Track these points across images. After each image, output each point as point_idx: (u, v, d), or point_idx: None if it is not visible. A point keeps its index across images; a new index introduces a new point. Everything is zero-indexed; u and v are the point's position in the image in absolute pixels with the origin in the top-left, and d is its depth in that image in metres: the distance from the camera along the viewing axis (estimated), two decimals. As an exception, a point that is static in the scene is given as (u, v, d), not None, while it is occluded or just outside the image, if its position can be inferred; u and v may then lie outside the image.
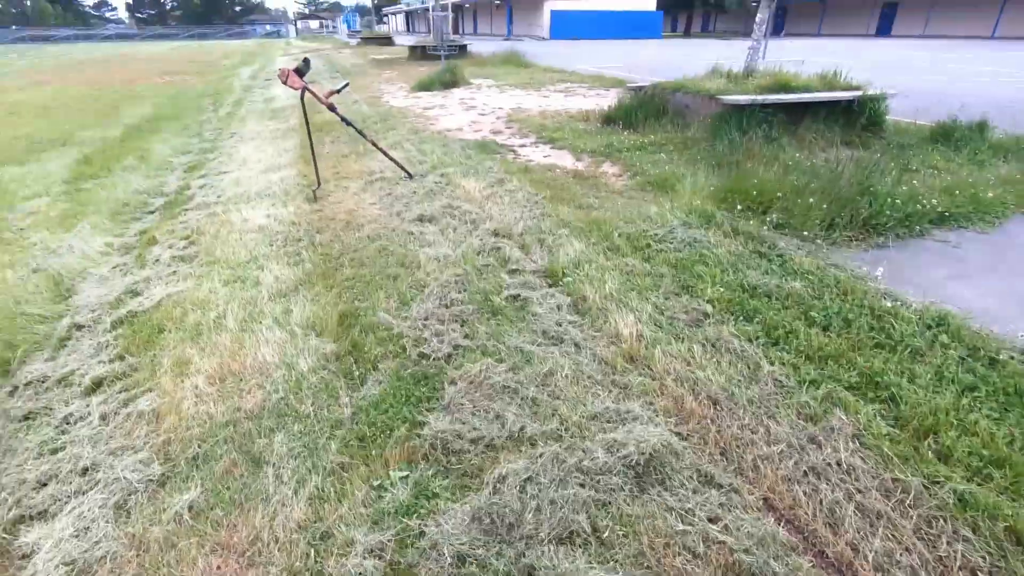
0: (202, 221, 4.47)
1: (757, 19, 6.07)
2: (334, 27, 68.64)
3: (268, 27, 77.00)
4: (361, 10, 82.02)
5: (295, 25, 77.86)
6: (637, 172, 4.78)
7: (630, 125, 6.29)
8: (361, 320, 2.73)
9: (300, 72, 4.26)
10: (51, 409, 2.35)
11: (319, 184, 4.76)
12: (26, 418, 2.32)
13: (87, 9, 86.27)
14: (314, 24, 76.50)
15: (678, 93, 6.07)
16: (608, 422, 1.94)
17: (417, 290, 2.98)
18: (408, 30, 69.34)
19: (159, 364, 2.55)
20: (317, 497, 1.77)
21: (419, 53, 18.17)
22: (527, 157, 5.59)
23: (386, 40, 32.69)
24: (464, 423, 1.97)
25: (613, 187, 4.50)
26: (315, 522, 1.68)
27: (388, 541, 1.59)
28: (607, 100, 8.88)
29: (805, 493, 1.65)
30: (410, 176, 4.95)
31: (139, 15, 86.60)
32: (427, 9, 54.67)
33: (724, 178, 4.11)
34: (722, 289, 2.65)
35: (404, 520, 1.65)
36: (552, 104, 8.78)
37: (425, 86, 11.15)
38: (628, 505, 1.63)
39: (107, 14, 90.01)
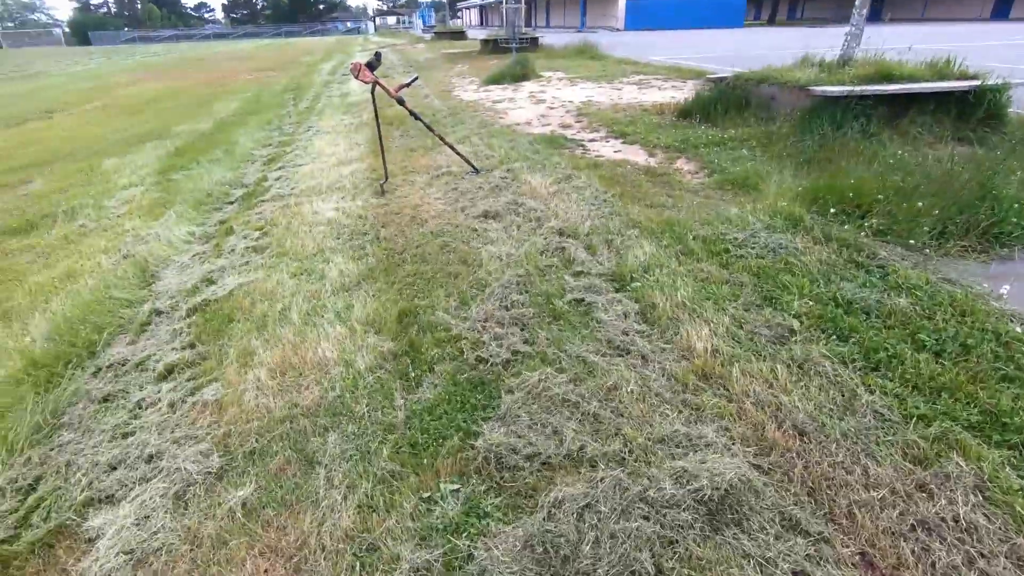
0: (276, 212, 4.61)
1: (856, 2, 5.53)
2: (410, 23, 70.33)
3: (349, 24, 79.98)
4: (436, 5, 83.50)
5: (373, 21, 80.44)
6: (715, 170, 4.47)
7: (708, 119, 5.93)
8: (420, 319, 2.68)
9: (371, 66, 4.28)
10: (127, 393, 2.45)
11: (387, 178, 4.79)
12: (104, 400, 2.43)
13: (188, 11, 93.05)
14: (391, 20, 78.75)
15: (763, 84, 5.64)
16: (677, 447, 1.76)
17: (478, 289, 2.89)
18: (482, 24, 69.86)
19: (226, 354, 2.61)
20: (366, 505, 1.71)
21: (491, 47, 18.17)
22: (596, 152, 5.39)
23: (459, 34, 33.05)
24: (520, 436, 1.85)
25: (688, 185, 4.23)
26: (362, 532, 1.62)
27: (435, 561, 1.50)
28: (684, 93, 8.47)
29: (913, 552, 1.41)
30: (476, 171, 4.88)
31: (233, 15, 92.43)
32: (501, 2, 54.82)
33: (814, 177, 3.74)
34: (811, 302, 2.38)
35: (452, 539, 1.55)
36: (625, 97, 8.47)
37: (495, 80, 11.10)
38: (698, 546, 1.46)
39: (205, 15, 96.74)
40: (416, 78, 4.55)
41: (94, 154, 7.72)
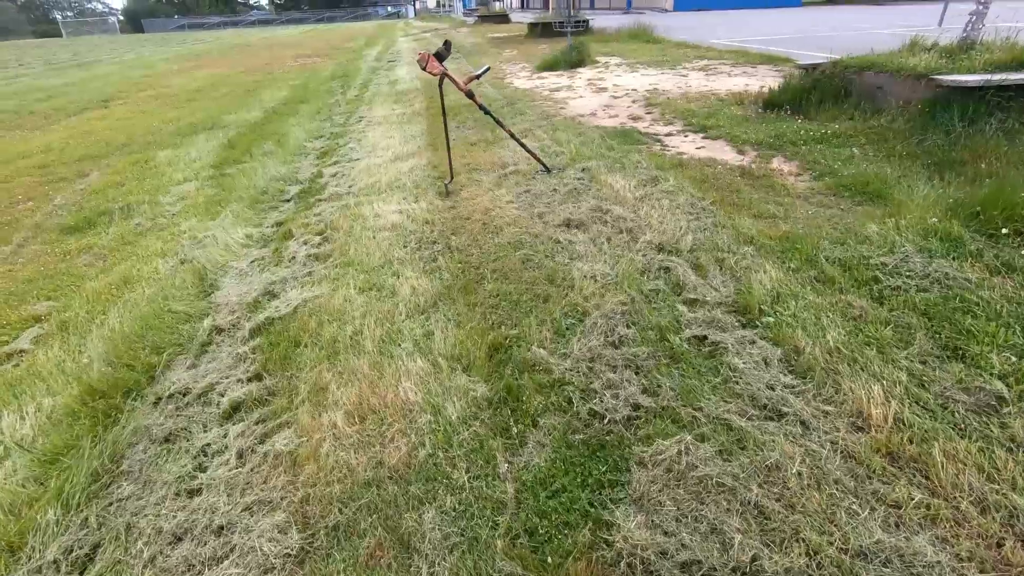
0: (335, 214, 4.33)
1: (980, -25, 4.82)
2: (451, 6, 69.64)
3: (389, 8, 79.90)
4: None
5: (414, 5, 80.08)
6: (823, 171, 3.94)
7: (800, 111, 5.34)
8: (513, 354, 2.32)
9: (440, 56, 3.91)
10: (190, 432, 2.19)
11: (451, 178, 4.44)
12: (166, 440, 2.17)
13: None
14: (431, 3, 78.14)
15: (867, 72, 5.02)
16: (885, 566, 1.35)
17: (575, 319, 2.51)
18: (523, 7, 68.63)
19: (296, 389, 2.32)
20: (484, 624, 1.37)
21: (539, 30, 17.57)
22: (678, 149, 4.90)
23: (502, 18, 32.35)
24: (668, 534, 1.48)
25: (794, 190, 3.73)
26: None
27: None
28: (761, 79, 7.81)
29: None
30: (548, 170, 4.48)
31: (277, 2, 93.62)
32: (543, -16, 53.55)
33: (960, 185, 3.20)
34: (1014, 358, 1.91)
35: None
36: (693, 84, 7.87)
37: (550, 65, 10.59)
38: None
39: (251, 1, 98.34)
40: (487, 69, 4.17)
41: (148, 145, 7.65)
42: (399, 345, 2.52)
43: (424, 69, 3.90)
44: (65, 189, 6.02)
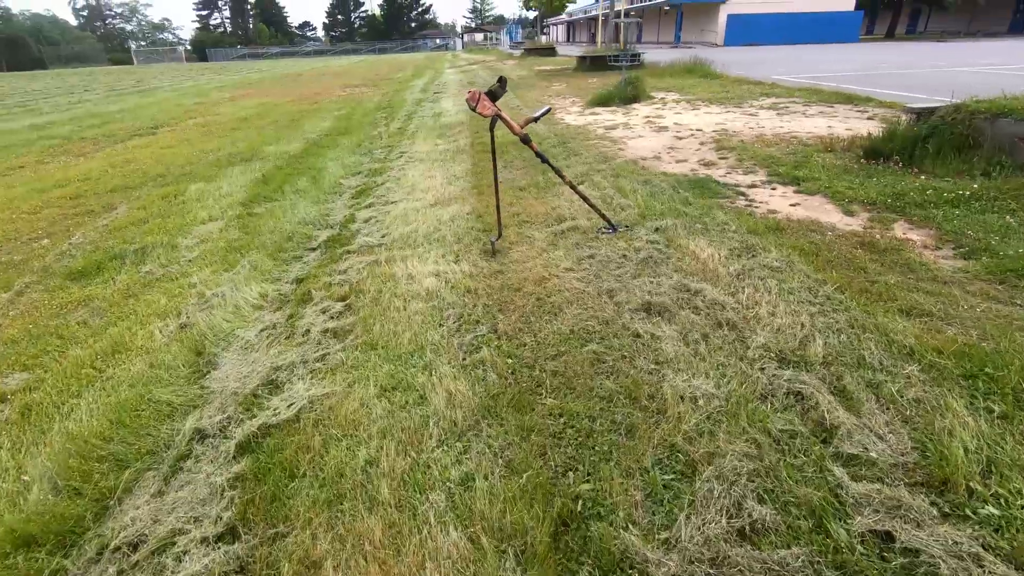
0: (362, 273, 3.71)
1: None
2: (497, 39, 71.04)
3: (438, 41, 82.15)
4: (522, 22, 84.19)
5: (462, 38, 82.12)
6: (975, 247, 3.09)
7: (912, 162, 4.50)
8: (590, 536, 1.58)
9: (494, 96, 3.29)
10: (125, 626, 1.51)
11: (500, 234, 3.78)
12: (90, 638, 1.51)
13: (293, 29, 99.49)
14: (479, 37, 79.97)
15: (1003, 119, 4.16)
16: None
17: (676, 473, 1.76)
18: (568, 40, 69.36)
19: (276, 566, 1.62)
20: None
21: (587, 63, 17.15)
22: (767, 205, 4.12)
23: (549, 51, 32.37)
24: None
25: (940, 272, 2.89)
26: None
27: None
28: (843, 121, 6.98)
29: None
30: (613, 228, 3.77)
31: (332, 33, 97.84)
32: (591, 19, 53.94)
33: None
34: None
35: None
36: (767, 125, 7.09)
37: (602, 101, 10.01)
38: None
39: (308, 32, 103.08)
40: (548, 110, 3.53)
41: (183, 176, 7.33)
42: (426, 496, 1.80)
43: (474, 110, 3.29)
44: (88, 224, 5.66)
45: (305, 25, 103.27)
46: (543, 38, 64.61)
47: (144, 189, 6.88)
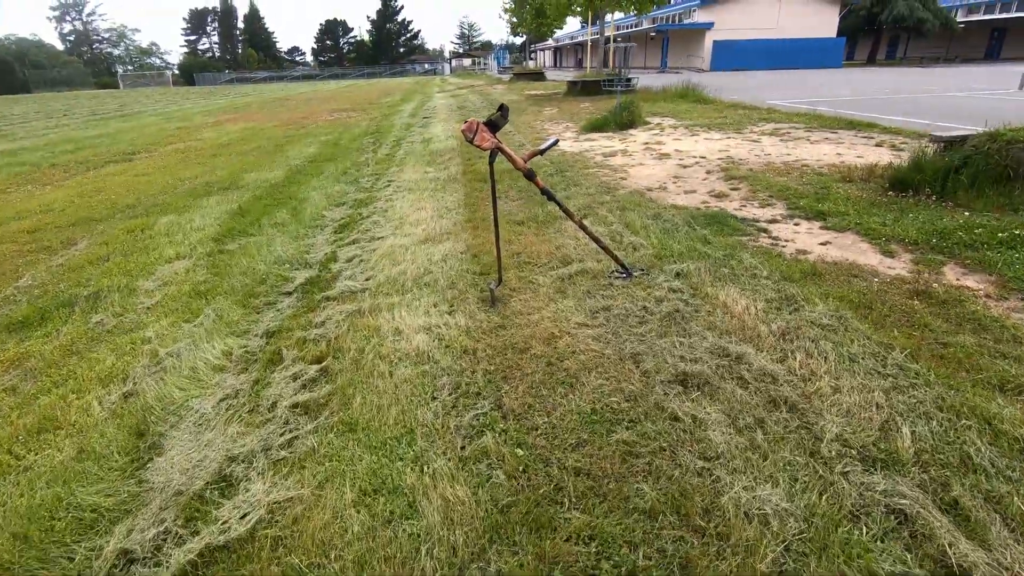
0: (343, 325, 3.23)
1: None
2: (485, 64, 71.71)
3: (426, 65, 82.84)
4: (509, 47, 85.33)
5: (450, 63, 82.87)
6: (1048, 298, 2.69)
7: (944, 195, 4.15)
8: None
9: (494, 126, 2.88)
10: None
11: (500, 280, 3.32)
12: None
13: (282, 54, 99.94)
14: (467, 62, 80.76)
15: (1045, 149, 3.82)
16: None
17: (761, 646, 1.28)
18: (556, 65, 70.24)
19: None
20: None
21: (578, 88, 17.00)
22: (794, 244, 3.72)
23: (538, 75, 32.48)
24: None
25: (1016, 329, 2.48)
26: None
27: None
28: (851, 148, 6.69)
29: None
30: (627, 273, 3.33)
31: (321, 58, 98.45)
32: (577, 44, 54.66)
33: None
34: None
35: None
36: (772, 152, 6.78)
37: (597, 126, 9.71)
38: None
39: (297, 57, 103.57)
40: (555, 141, 3.12)
41: (154, 208, 6.83)
42: (417, 677, 1.31)
43: (471, 142, 2.86)
44: (41, 264, 5.12)
45: (294, 50, 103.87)
46: (530, 63, 65.27)
47: (110, 222, 6.36)
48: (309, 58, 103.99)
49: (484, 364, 2.63)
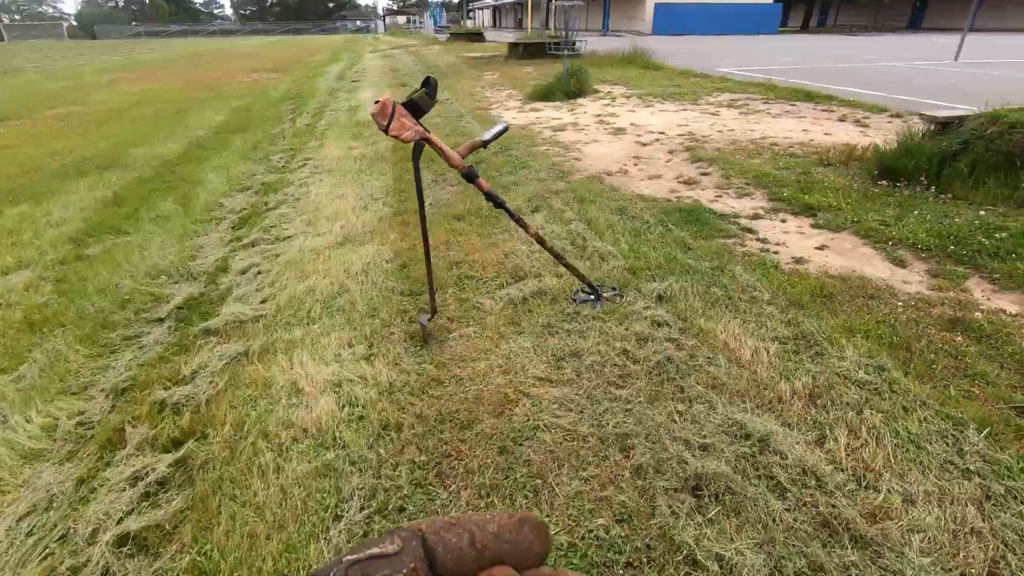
0: (220, 379, 2.38)
1: None
2: (420, 23, 68.11)
3: (358, 23, 77.95)
4: (446, 5, 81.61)
5: (383, 21, 78.20)
6: (1111, 330, 2.20)
7: (940, 184, 3.68)
8: None
9: (417, 108, 2.05)
10: None
11: (434, 312, 2.54)
12: None
13: (197, 6, 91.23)
14: (401, 20, 76.38)
15: (1054, 134, 3.38)
16: None
17: None
18: (495, 25, 67.68)
19: None
20: None
21: (521, 51, 15.94)
22: (788, 249, 3.13)
23: (477, 36, 30.80)
24: None
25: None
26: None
27: None
28: (815, 123, 6.23)
29: None
30: (597, 295, 2.63)
31: (242, 12, 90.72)
32: (517, 3, 52.45)
33: None
34: None
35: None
36: (735, 128, 6.22)
37: (543, 95, 8.86)
38: None
39: (215, 11, 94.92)
40: (504, 128, 2.30)
41: (6, 194, 5.50)
42: None
43: (387, 132, 2.02)
44: None
45: (211, 2, 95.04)
46: (468, 22, 62.49)
47: (-62, 215, 5.03)
48: (228, 12, 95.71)
49: (412, 451, 1.87)
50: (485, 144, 2.24)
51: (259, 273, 3.45)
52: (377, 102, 2.02)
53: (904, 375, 1.98)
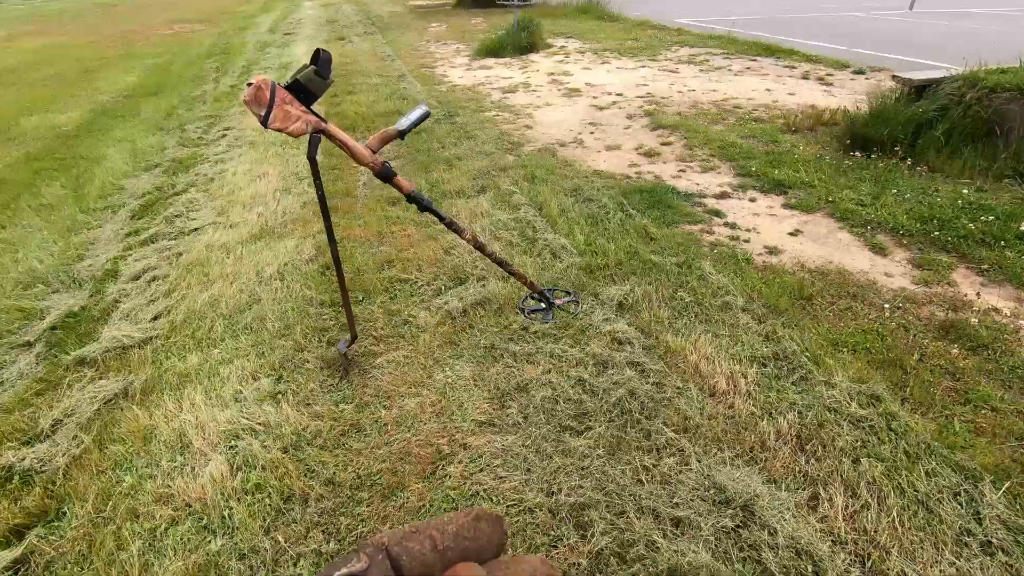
0: (87, 435, 1.92)
1: None
2: (366, -34, 63.56)
3: (297, -34, 72.23)
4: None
5: (325, -36, 72.73)
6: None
7: (917, 154, 3.41)
8: None
9: (304, 92, 1.57)
10: None
11: (354, 338, 2.11)
12: None
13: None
14: (345, -37, 71.15)
15: (1034, 100, 3.13)
16: None
17: None
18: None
19: None
20: None
21: (470, 0, 14.91)
22: (759, 236, 2.82)
23: (425, -18, 28.81)
24: None
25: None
26: None
27: None
28: (777, 81, 5.90)
29: None
30: (548, 306, 2.26)
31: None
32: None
33: None
34: None
35: None
36: (696, 87, 5.83)
37: (493, 50, 8.19)
38: None
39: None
40: (425, 114, 1.83)
41: None
42: None
43: (266, 125, 1.54)
44: None
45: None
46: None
47: None
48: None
49: (318, 535, 1.49)
50: (402, 135, 1.78)
51: (154, 279, 2.92)
52: (250, 84, 1.53)
53: (901, 405, 1.71)
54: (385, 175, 1.79)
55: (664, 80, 6.22)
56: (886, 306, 2.19)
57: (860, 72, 6.27)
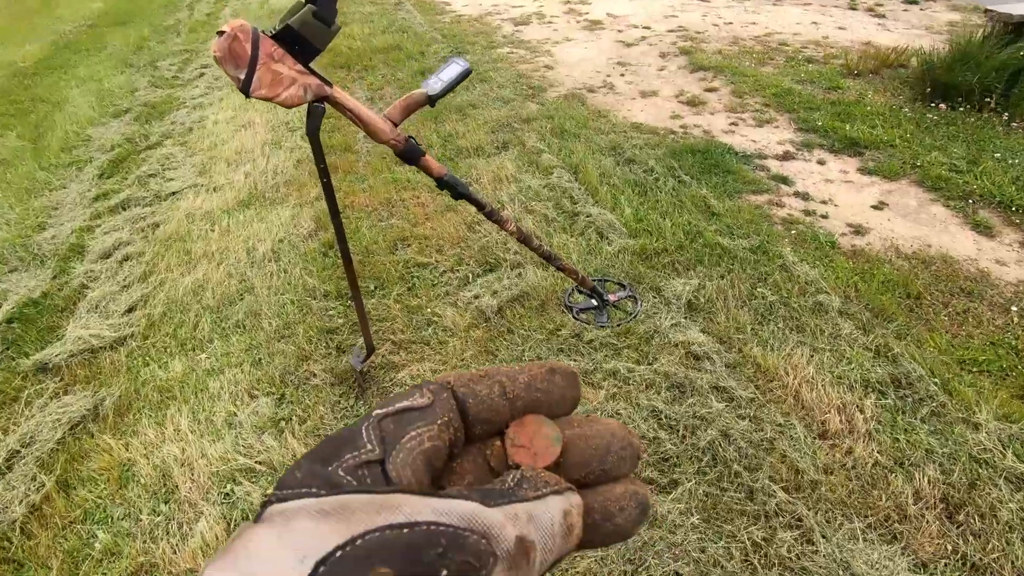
0: (49, 479, 1.57)
1: None
2: None
3: None
4: None
5: None
6: None
7: (1013, 108, 2.93)
8: None
9: (303, 42, 1.10)
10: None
11: (370, 352, 1.72)
12: None
13: None
14: None
15: None
16: None
17: None
18: None
19: None
20: None
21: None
22: (839, 211, 2.40)
23: None
24: None
25: None
26: None
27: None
28: (825, 14, 5.23)
29: None
30: (602, 305, 1.87)
31: None
32: None
33: None
34: None
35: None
36: (734, 21, 5.18)
37: (499, -27, 7.31)
38: None
39: None
40: (466, 72, 1.36)
41: None
42: None
43: (248, 93, 1.09)
44: None
45: None
46: None
47: None
48: None
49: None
50: (432, 101, 1.32)
51: (127, 259, 2.49)
52: (221, 32, 1.07)
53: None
54: (410, 155, 1.35)
55: (695, 10, 5.53)
56: (1013, 309, 1.82)
57: (913, 2, 5.59)
